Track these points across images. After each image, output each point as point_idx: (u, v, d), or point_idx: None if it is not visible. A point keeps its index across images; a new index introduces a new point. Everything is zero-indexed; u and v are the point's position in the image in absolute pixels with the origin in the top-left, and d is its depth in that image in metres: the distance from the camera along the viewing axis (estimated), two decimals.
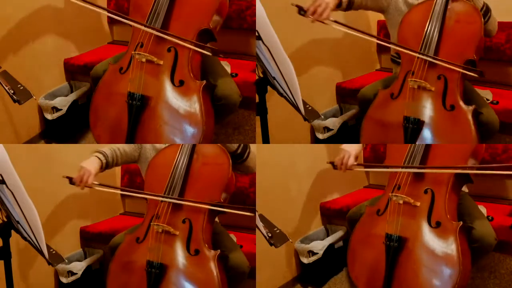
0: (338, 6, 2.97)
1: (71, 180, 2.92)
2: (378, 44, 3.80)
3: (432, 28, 2.92)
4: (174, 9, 2.95)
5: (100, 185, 2.94)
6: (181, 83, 2.92)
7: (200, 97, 2.91)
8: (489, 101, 3.35)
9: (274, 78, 2.80)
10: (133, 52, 2.94)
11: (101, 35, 3.83)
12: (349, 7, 3.03)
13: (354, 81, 3.77)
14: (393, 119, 3.00)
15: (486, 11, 2.95)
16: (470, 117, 2.89)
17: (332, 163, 3.07)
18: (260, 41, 2.69)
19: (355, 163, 3.03)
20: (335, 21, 2.88)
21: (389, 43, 3.13)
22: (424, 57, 2.90)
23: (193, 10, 2.94)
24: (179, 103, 2.92)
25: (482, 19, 2.88)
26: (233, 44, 3.50)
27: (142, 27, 2.92)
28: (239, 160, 2.99)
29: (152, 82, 2.93)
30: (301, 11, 2.85)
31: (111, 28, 3.85)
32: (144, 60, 2.93)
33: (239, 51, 3.55)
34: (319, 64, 3.68)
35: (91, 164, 2.94)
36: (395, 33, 3.08)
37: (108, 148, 3.04)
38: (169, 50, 2.93)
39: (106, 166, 3.02)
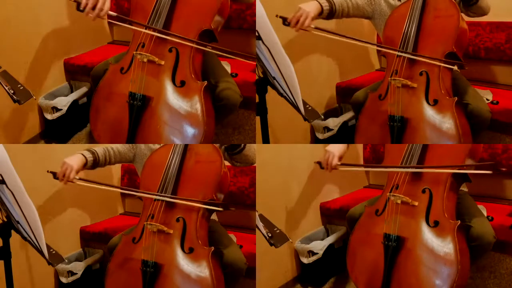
0: (319, 15, 3.04)
1: (55, 175, 2.96)
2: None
3: (410, 26, 2.97)
4: (176, 9, 2.95)
5: (81, 179, 2.97)
6: (182, 83, 2.92)
7: (201, 98, 2.91)
8: (489, 101, 3.35)
9: (274, 78, 2.81)
10: (134, 52, 2.94)
11: (101, 35, 3.82)
12: (331, 16, 3.08)
13: (354, 81, 3.78)
14: (382, 120, 3.03)
15: None
16: (453, 107, 2.91)
17: (319, 163, 3.15)
18: (260, 41, 2.69)
19: (339, 163, 3.10)
20: (317, 28, 2.97)
21: (366, 42, 3.21)
22: (398, 53, 2.95)
23: (195, 10, 2.94)
24: (180, 104, 2.92)
25: (459, 12, 2.91)
26: (233, 44, 3.49)
27: (144, 30, 2.93)
28: (236, 150, 2.99)
29: (153, 83, 2.93)
30: (285, 22, 2.95)
31: (111, 28, 3.85)
32: (145, 60, 2.93)
33: (239, 51, 3.54)
34: (319, 64, 3.68)
35: (74, 160, 2.98)
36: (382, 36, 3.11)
37: (101, 147, 3.05)
38: (170, 50, 2.93)
39: (94, 164, 3.03)
